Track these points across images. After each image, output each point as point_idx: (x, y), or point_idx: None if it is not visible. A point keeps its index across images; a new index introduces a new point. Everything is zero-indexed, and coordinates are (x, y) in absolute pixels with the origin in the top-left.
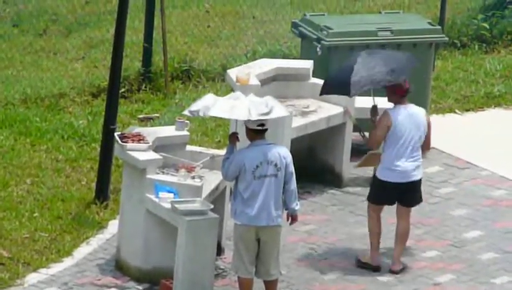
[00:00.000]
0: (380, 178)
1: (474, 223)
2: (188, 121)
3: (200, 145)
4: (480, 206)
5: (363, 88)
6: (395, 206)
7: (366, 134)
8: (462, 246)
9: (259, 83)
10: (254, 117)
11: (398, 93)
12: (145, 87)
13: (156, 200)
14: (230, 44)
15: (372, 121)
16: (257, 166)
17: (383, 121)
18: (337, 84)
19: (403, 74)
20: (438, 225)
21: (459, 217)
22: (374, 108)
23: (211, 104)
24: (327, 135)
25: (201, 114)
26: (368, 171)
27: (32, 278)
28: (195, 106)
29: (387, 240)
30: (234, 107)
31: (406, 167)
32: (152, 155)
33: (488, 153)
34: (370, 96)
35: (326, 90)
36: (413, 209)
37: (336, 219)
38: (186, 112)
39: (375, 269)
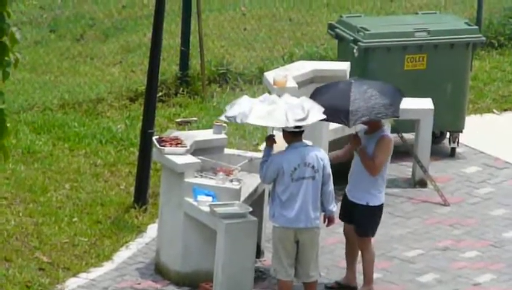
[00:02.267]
0: (380, 203)
1: None
2: (225, 124)
3: (238, 148)
4: None
5: (362, 118)
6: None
7: (405, 135)
8: (501, 246)
9: (296, 86)
10: (292, 124)
11: (379, 123)
12: (183, 90)
13: (195, 203)
14: (267, 46)
15: (356, 150)
16: (295, 168)
17: (389, 147)
18: (334, 112)
19: (397, 110)
20: (478, 225)
21: (499, 217)
22: (356, 136)
23: (248, 111)
24: None
25: (238, 120)
26: (406, 173)
27: (72, 283)
28: (232, 112)
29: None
30: (271, 113)
31: None
32: (190, 159)
33: None
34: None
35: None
36: (453, 210)
37: None
38: (223, 117)
39: None
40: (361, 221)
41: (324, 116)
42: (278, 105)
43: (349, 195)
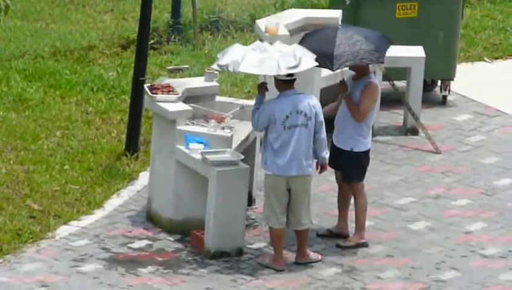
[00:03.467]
0: (365, 149)
1: (505, 171)
2: (217, 72)
3: (229, 96)
4: (511, 154)
5: (346, 63)
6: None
7: (396, 83)
8: (493, 194)
9: (288, 33)
10: (284, 71)
11: (366, 69)
12: (174, 38)
13: (187, 151)
14: None
15: (340, 96)
16: (287, 116)
17: (375, 94)
18: (319, 56)
19: (383, 55)
20: (469, 173)
21: (490, 165)
22: (343, 82)
23: (240, 59)
24: None
25: (230, 69)
26: (398, 120)
27: (63, 230)
28: (224, 60)
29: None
30: (263, 61)
31: None
32: (182, 106)
33: None
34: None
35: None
36: (444, 157)
37: None
38: (215, 66)
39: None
40: (346, 166)
41: (316, 63)
42: (270, 53)
43: (334, 140)
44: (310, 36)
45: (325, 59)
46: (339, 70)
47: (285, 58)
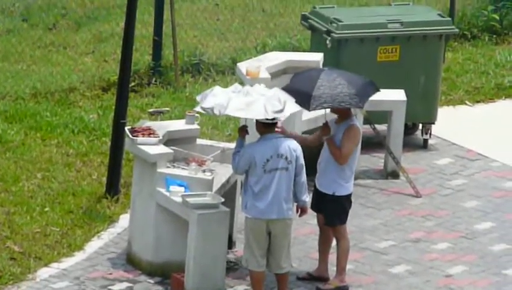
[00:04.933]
0: (347, 193)
1: (486, 215)
2: (198, 115)
3: (210, 139)
4: (492, 198)
5: (323, 105)
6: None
7: (377, 126)
8: (473, 237)
9: (269, 76)
10: (270, 115)
11: (348, 112)
12: (155, 81)
13: (167, 194)
14: (240, 37)
15: (322, 139)
16: (267, 160)
17: (357, 137)
18: (298, 95)
19: (364, 100)
20: (450, 217)
21: (471, 209)
22: (326, 125)
23: (225, 102)
24: None
25: (216, 112)
26: (378, 164)
27: (43, 272)
28: (208, 103)
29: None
30: (250, 105)
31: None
32: (163, 149)
33: (499, 144)
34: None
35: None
36: (425, 201)
37: None
38: (198, 108)
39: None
40: (328, 210)
41: (299, 109)
42: (254, 97)
43: (317, 184)
44: (296, 76)
45: (303, 99)
46: (322, 113)
47: (270, 102)
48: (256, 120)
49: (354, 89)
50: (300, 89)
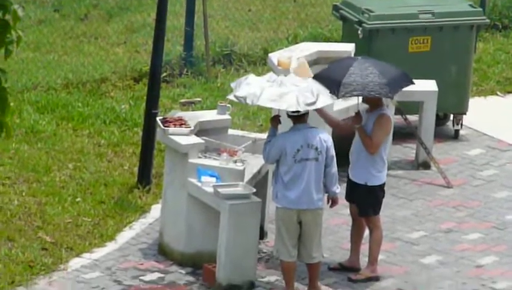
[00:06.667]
0: (380, 183)
1: None
2: (229, 105)
3: (242, 129)
4: None
5: (353, 93)
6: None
7: (409, 117)
8: (504, 228)
9: None
10: (302, 107)
11: (379, 102)
12: (187, 71)
13: (199, 184)
14: (271, 28)
15: (354, 128)
16: (298, 150)
17: (388, 126)
18: (328, 82)
19: (394, 91)
20: (481, 208)
21: (502, 199)
22: (358, 114)
23: (258, 92)
24: None
25: (248, 102)
26: (410, 155)
27: (75, 263)
28: (241, 92)
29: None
30: (282, 96)
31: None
32: (194, 139)
33: None
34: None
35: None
36: (456, 192)
37: None
38: (231, 97)
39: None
40: (360, 200)
41: (332, 102)
42: (288, 87)
43: (350, 174)
44: (331, 64)
45: (333, 85)
46: (354, 103)
47: (303, 94)
48: (287, 112)
49: (385, 79)
50: (331, 75)
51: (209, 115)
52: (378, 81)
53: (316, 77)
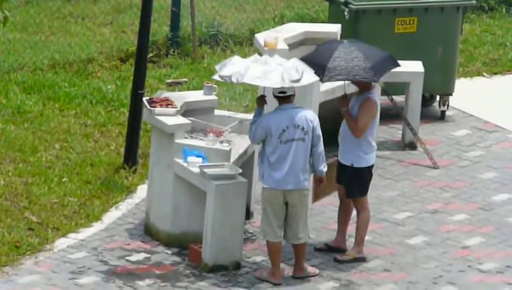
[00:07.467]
0: (367, 165)
1: (503, 186)
2: (216, 86)
3: (228, 110)
4: (509, 169)
5: (337, 77)
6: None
7: (395, 98)
8: (490, 209)
9: (287, 47)
10: (287, 84)
11: (368, 85)
12: (173, 52)
13: (185, 164)
14: (258, 8)
15: (341, 111)
16: (283, 130)
17: (373, 110)
18: (312, 66)
19: (379, 74)
20: (467, 188)
21: (488, 180)
22: (344, 97)
23: (243, 70)
24: None
25: (234, 80)
26: (396, 135)
27: (61, 243)
28: (226, 71)
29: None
30: (267, 74)
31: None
32: (180, 120)
33: None
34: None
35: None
36: (442, 172)
37: None
38: (216, 77)
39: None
40: (348, 182)
41: (317, 79)
42: (272, 66)
43: (339, 156)
44: (318, 47)
45: (318, 69)
46: (340, 84)
47: (288, 72)
48: (273, 92)
49: (370, 63)
50: (316, 59)
51: (196, 96)
52: (363, 65)
53: (302, 60)
